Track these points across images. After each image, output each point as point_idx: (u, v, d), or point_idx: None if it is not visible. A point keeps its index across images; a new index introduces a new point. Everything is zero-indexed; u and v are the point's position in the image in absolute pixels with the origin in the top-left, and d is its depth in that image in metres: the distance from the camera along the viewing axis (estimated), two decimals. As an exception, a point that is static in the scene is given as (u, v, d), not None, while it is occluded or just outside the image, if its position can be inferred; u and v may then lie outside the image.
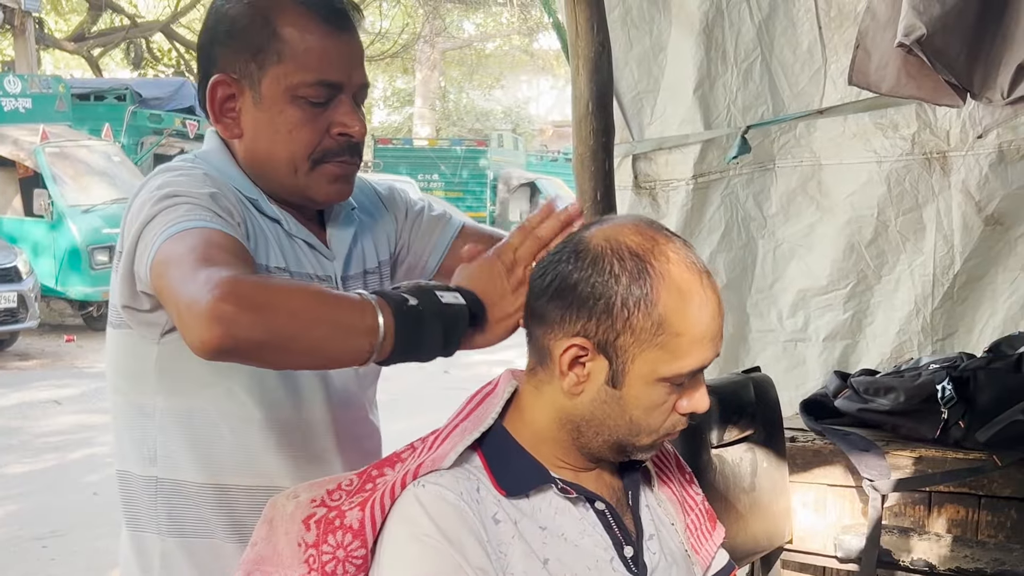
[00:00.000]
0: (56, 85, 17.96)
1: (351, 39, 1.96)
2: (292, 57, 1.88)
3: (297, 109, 1.90)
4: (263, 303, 1.52)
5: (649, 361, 1.56)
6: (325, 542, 1.60)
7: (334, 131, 1.93)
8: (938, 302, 4.27)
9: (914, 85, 2.87)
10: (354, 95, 1.96)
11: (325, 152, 1.93)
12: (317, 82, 1.90)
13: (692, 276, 1.57)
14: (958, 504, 3.19)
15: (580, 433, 1.63)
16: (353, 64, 1.95)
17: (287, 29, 1.88)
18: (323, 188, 1.96)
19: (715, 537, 1.90)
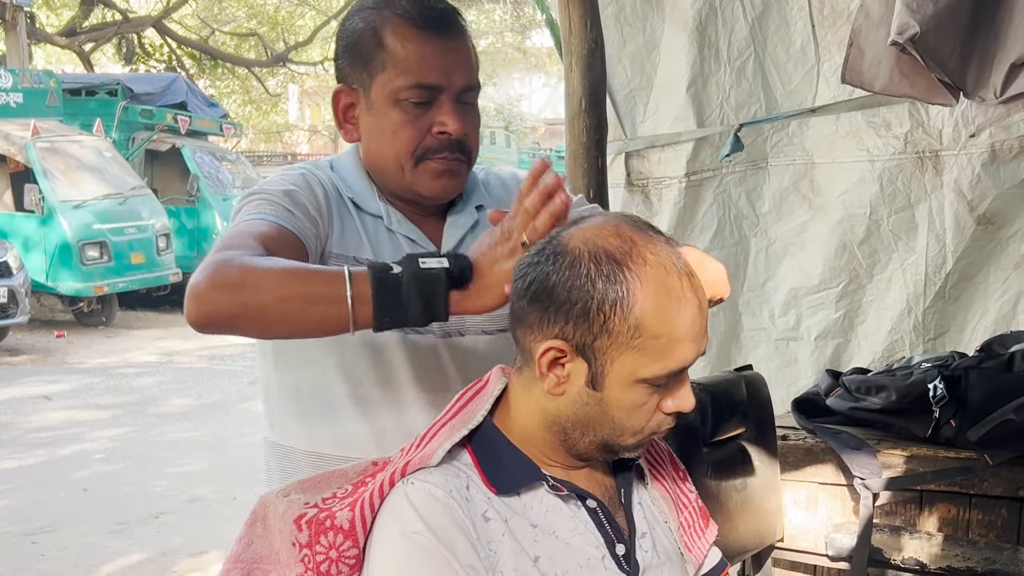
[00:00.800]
0: (47, 80, 17.91)
1: (452, 44, 2.10)
2: (393, 64, 2.06)
3: (400, 111, 2.07)
4: (236, 282, 1.73)
5: (628, 364, 1.55)
6: (318, 543, 1.60)
7: (434, 130, 2.08)
8: (930, 301, 4.28)
9: (907, 84, 2.87)
10: (458, 96, 2.09)
11: (427, 150, 2.09)
12: (415, 85, 2.06)
13: (670, 278, 1.55)
14: (949, 503, 3.20)
15: (567, 434, 1.62)
16: (454, 67, 2.09)
17: (390, 39, 2.06)
18: (427, 184, 2.12)
19: (708, 535, 1.89)
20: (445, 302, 1.74)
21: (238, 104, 35.24)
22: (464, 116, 2.11)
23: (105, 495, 7.70)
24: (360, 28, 2.11)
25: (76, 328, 15.95)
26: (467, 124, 2.11)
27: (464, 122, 2.10)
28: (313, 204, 2.06)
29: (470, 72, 2.13)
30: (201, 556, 6.41)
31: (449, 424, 1.67)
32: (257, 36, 30.29)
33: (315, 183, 2.11)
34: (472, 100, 2.15)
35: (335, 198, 2.13)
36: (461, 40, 2.13)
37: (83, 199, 15.66)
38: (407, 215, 2.17)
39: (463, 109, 2.11)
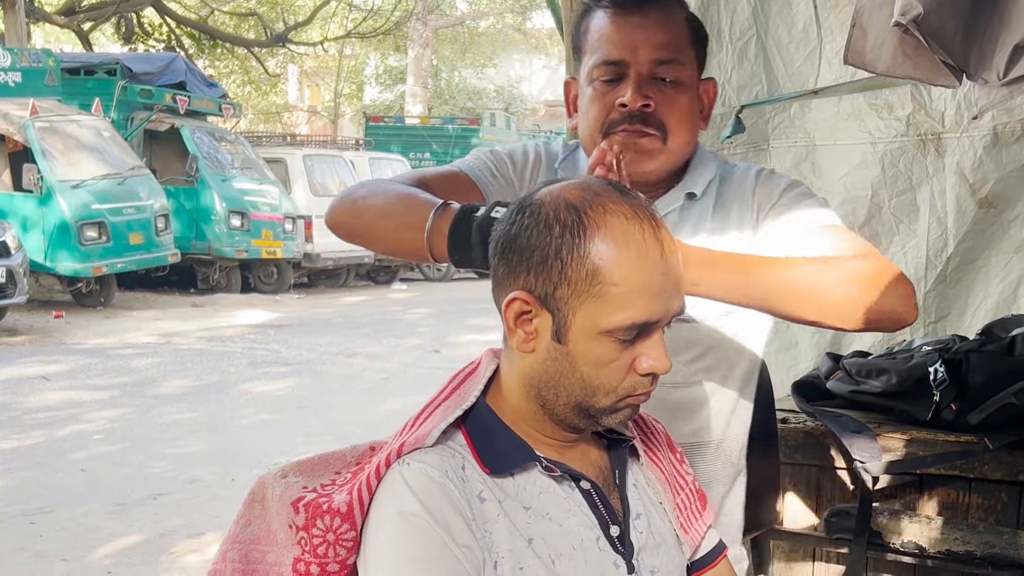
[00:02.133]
0: (46, 59, 17.89)
1: (642, 20, 2.15)
2: (589, 47, 2.20)
3: (592, 89, 2.18)
4: (359, 198, 2.12)
5: (590, 313, 1.53)
6: (314, 526, 1.60)
7: (616, 103, 2.14)
8: (931, 284, 4.26)
9: (910, 65, 2.85)
10: (648, 70, 2.14)
11: (611, 124, 2.15)
12: (601, 62, 2.16)
13: (630, 226, 1.54)
14: (949, 487, 3.20)
15: (543, 398, 1.61)
16: (641, 42, 2.13)
17: (591, 24, 2.20)
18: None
19: (705, 517, 1.89)
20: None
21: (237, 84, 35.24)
22: (656, 91, 2.14)
23: (103, 476, 7.71)
24: (576, 20, 2.27)
25: (74, 308, 15.97)
26: (660, 99, 2.14)
27: (650, 96, 2.13)
28: (516, 167, 2.29)
29: (664, 47, 2.15)
30: (199, 537, 6.42)
31: (443, 405, 1.67)
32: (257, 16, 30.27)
33: (531, 151, 2.34)
34: (670, 75, 2.16)
35: (546, 167, 2.32)
36: (657, 15, 2.16)
37: (82, 179, 15.67)
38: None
39: (654, 84, 2.14)
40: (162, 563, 6.03)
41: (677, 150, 2.20)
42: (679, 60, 2.16)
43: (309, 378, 11.67)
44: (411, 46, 34.31)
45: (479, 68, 39.67)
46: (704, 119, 2.30)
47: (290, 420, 9.62)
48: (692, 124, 2.23)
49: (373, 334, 14.75)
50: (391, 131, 28.70)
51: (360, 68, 41.21)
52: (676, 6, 2.22)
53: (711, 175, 2.28)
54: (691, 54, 2.20)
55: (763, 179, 2.29)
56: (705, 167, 2.29)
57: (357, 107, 39.86)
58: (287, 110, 41.90)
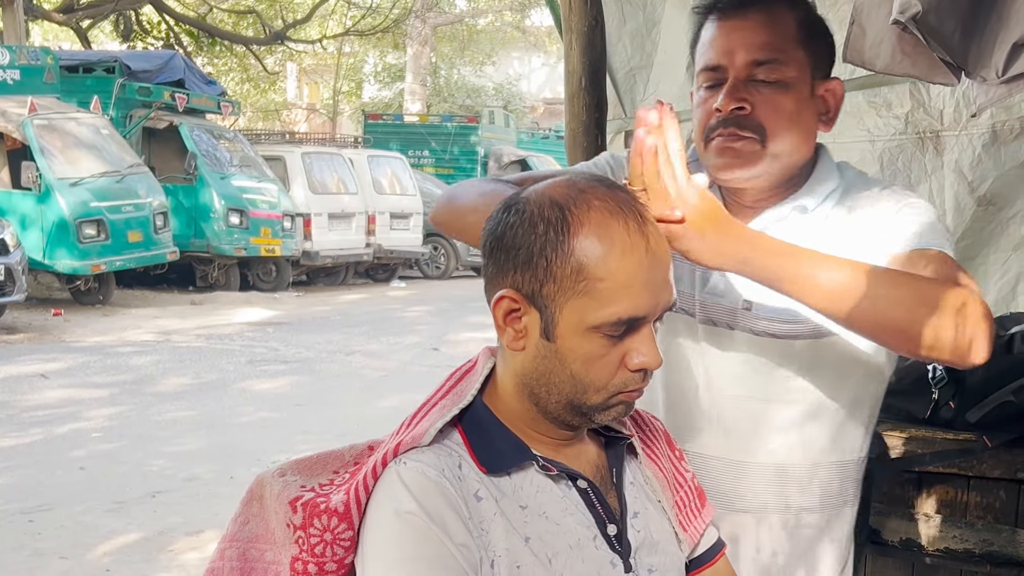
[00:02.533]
0: (45, 57, 17.87)
1: (739, 22, 2.12)
2: (698, 54, 2.19)
3: (697, 95, 2.17)
4: (451, 197, 2.24)
5: (576, 310, 1.53)
6: (312, 525, 1.59)
7: (713, 108, 2.11)
8: (929, 282, 4.26)
9: (909, 63, 2.86)
10: (746, 72, 2.09)
11: (709, 129, 2.12)
12: (702, 69, 2.15)
13: (614, 220, 1.54)
14: (947, 485, 3.19)
15: (536, 396, 1.61)
16: (737, 44, 2.09)
17: (700, 35, 2.20)
18: (713, 161, 2.13)
19: (704, 515, 1.88)
20: None
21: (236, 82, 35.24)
22: (754, 93, 2.07)
23: (102, 474, 7.71)
24: (694, 35, 2.23)
25: (73, 306, 15.96)
26: (759, 101, 2.07)
27: (747, 99, 2.07)
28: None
29: (763, 47, 2.08)
30: (198, 535, 6.42)
31: (440, 404, 1.67)
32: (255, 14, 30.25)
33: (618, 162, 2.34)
34: (772, 76, 2.08)
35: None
36: (759, 16, 2.11)
37: (80, 177, 15.66)
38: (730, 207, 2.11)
39: (752, 86, 2.08)
40: (161, 561, 6.03)
41: (781, 154, 2.10)
42: (781, 60, 2.07)
43: (308, 376, 11.67)
44: (410, 44, 34.32)
45: (478, 66, 39.70)
46: (827, 122, 2.23)
47: (289, 418, 9.62)
48: (800, 127, 2.13)
49: (372, 332, 14.76)
50: (390, 129, 28.70)
51: (359, 66, 41.22)
52: (784, 5, 2.12)
53: (831, 187, 2.19)
54: (800, 53, 2.10)
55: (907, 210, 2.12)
56: (826, 179, 2.20)
57: (356, 105, 39.86)
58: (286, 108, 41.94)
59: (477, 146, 27.12)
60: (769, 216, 2.16)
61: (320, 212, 20.74)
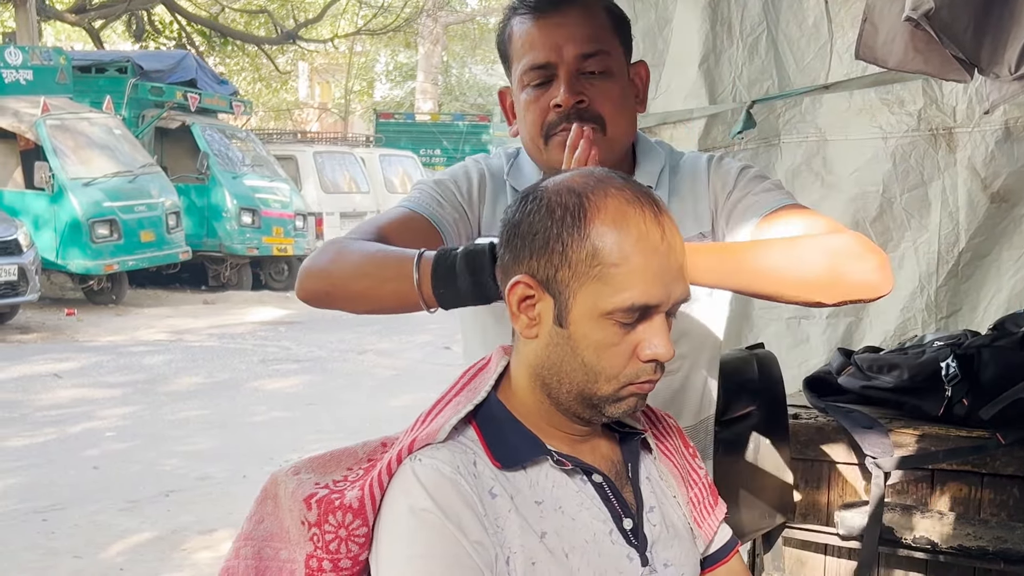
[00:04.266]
0: (57, 57, 17.91)
1: (561, 19, 2.16)
2: (515, 53, 2.21)
3: (525, 95, 2.19)
4: (329, 263, 2.01)
5: (590, 295, 1.54)
6: (326, 522, 1.60)
7: (551, 104, 2.15)
8: (943, 279, 4.26)
9: (921, 60, 2.85)
10: (576, 67, 2.15)
11: (550, 126, 2.16)
12: (530, 68, 2.16)
13: (631, 209, 1.55)
14: (961, 482, 3.19)
15: (547, 386, 1.61)
16: (564, 41, 2.14)
17: (514, 31, 2.21)
18: (558, 157, 2.13)
19: (717, 513, 1.88)
20: (491, 277, 1.75)
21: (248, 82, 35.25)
22: (586, 85, 2.14)
23: (115, 473, 7.73)
24: (499, 28, 2.27)
25: (86, 306, 16.00)
26: (591, 92, 2.14)
27: (582, 91, 2.14)
28: (461, 192, 2.23)
29: (587, 40, 2.16)
30: (211, 534, 6.43)
31: (454, 401, 1.67)
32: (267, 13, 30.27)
33: (474, 171, 2.29)
34: (599, 67, 2.16)
35: (493, 183, 2.29)
36: (575, 12, 2.17)
37: (93, 177, 15.70)
38: None
39: (586, 79, 2.15)
40: (174, 560, 6.04)
41: (617, 139, 2.21)
42: (604, 50, 2.17)
43: (320, 375, 11.68)
44: (421, 43, 34.29)
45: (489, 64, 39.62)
46: (641, 103, 2.32)
47: (301, 417, 9.63)
48: (628, 111, 2.24)
49: (383, 331, 14.75)
50: (401, 128, 28.73)
51: (370, 65, 41.24)
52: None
53: (660, 164, 2.31)
54: (616, 42, 2.21)
55: (715, 166, 2.31)
56: (653, 157, 2.32)
57: (367, 104, 39.88)
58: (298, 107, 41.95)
59: (489, 144, 27.12)
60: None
61: (332, 211, 20.77)
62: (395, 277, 1.87)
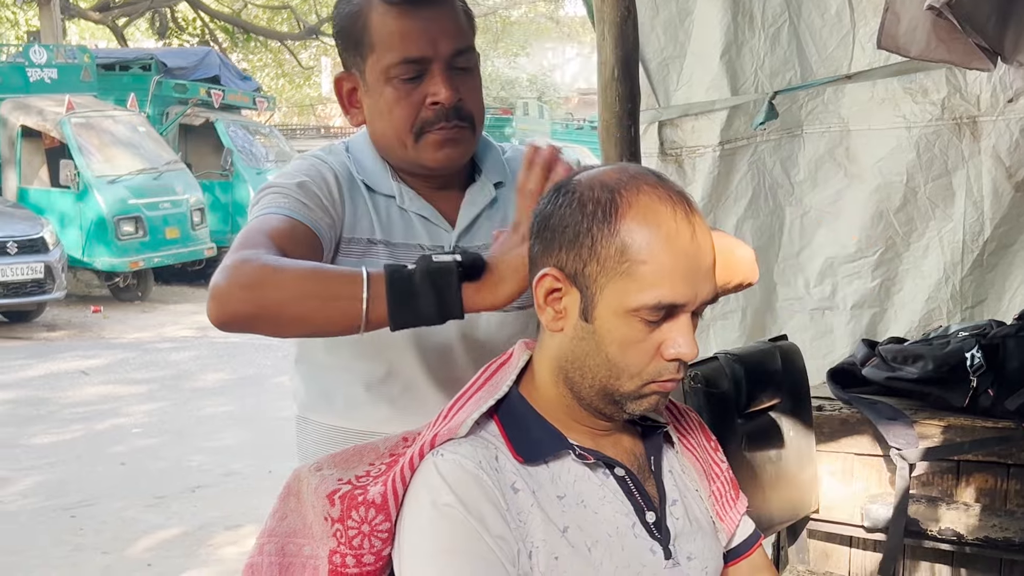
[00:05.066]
0: (81, 55, 17.99)
1: (433, 12, 2.09)
2: (379, 44, 2.08)
3: (392, 89, 2.08)
4: (255, 281, 1.77)
5: (617, 291, 1.54)
6: (350, 517, 1.60)
7: (427, 102, 2.07)
8: (967, 269, 4.24)
9: (944, 49, 2.84)
10: (449, 63, 2.09)
11: (424, 123, 2.08)
12: (401, 61, 2.06)
13: (663, 207, 1.55)
14: (986, 473, 3.17)
15: (570, 380, 1.61)
16: (438, 35, 2.07)
17: (373, 20, 2.08)
18: (431, 155, 2.11)
19: (739, 506, 1.88)
20: (458, 295, 1.72)
21: (271, 77, 35.33)
22: (458, 81, 2.10)
23: (142, 469, 7.76)
24: (348, 12, 2.14)
25: (112, 303, 16.05)
26: (463, 89, 2.10)
27: (457, 88, 2.09)
28: (324, 193, 2.09)
29: (458, 35, 2.11)
30: (237, 529, 6.45)
31: (476, 396, 1.67)
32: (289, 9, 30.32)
33: (326, 170, 2.13)
34: (467, 64, 2.13)
35: (347, 182, 2.15)
36: (444, 5, 2.11)
37: (118, 174, 15.74)
38: (422, 192, 2.18)
39: (457, 75, 2.10)
40: (200, 556, 6.06)
41: (478, 136, 2.20)
42: (471, 46, 2.14)
43: (345, 370, 11.67)
44: (443, 37, 34.29)
45: (512, 57, 39.65)
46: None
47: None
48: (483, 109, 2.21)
49: (409, 325, 14.76)
50: (424, 122, 28.71)
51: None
52: None
53: (498, 155, 2.30)
54: (472, 37, 2.18)
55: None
56: (491, 150, 2.30)
57: (391, 98, 39.88)
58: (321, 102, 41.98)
59: (512, 138, 27.08)
60: (480, 198, 2.23)
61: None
62: (341, 297, 1.74)
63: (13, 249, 13.34)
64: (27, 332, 13.78)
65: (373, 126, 2.17)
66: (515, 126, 27.14)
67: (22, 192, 16.06)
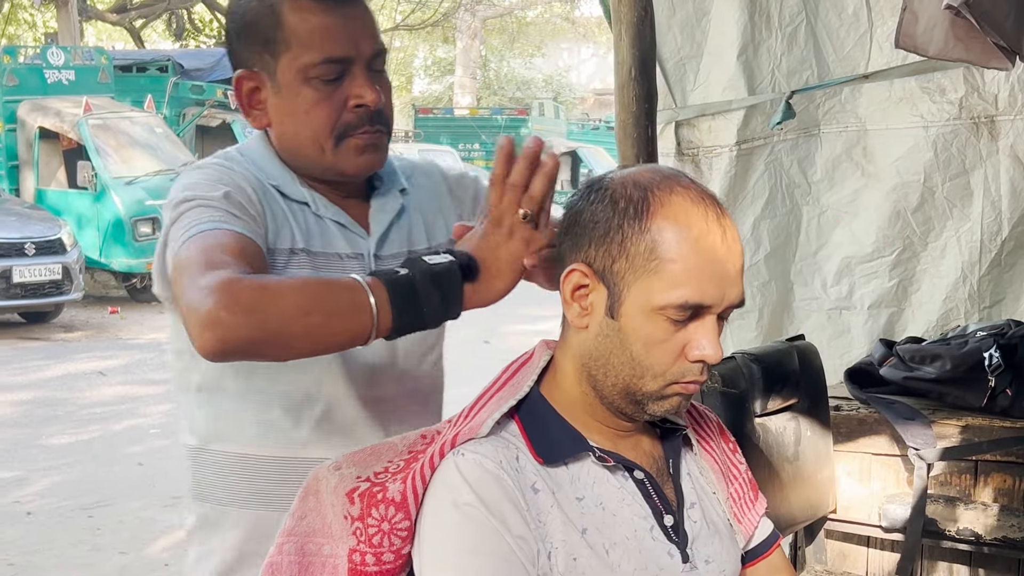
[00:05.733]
0: (99, 57, 18.07)
1: (353, 11, 1.99)
2: (297, 41, 1.95)
3: (311, 90, 1.96)
4: (254, 304, 1.62)
5: (644, 289, 1.54)
6: (369, 515, 1.60)
7: (351, 104, 1.97)
8: (985, 269, 4.23)
9: (962, 48, 2.84)
10: (368, 64, 1.99)
11: (346, 126, 1.98)
12: (323, 60, 1.94)
13: (695, 208, 1.55)
14: (1005, 473, 3.17)
15: (593, 378, 1.61)
16: (360, 35, 1.98)
17: (289, 16, 1.95)
18: (352, 161, 2.01)
19: (757, 507, 1.88)
20: (461, 295, 1.71)
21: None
22: (379, 85, 2.00)
23: (159, 469, 7.78)
24: (254, 7, 2.00)
25: (129, 304, 16.09)
26: (383, 93, 2.01)
27: (380, 91, 2.00)
28: (248, 203, 1.94)
29: (375, 36, 2.02)
30: (255, 529, 6.46)
31: (497, 396, 1.67)
32: (305, 10, 30.38)
33: (239, 179, 1.98)
34: (381, 67, 2.03)
35: (261, 190, 2.00)
36: (361, 4, 2.02)
37: (135, 175, 15.78)
38: (330, 198, 2.07)
39: (375, 77, 2.01)
40: (218, 555, 6.08)
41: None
42: (384, 47, 2.04)
43: (362, 370, 11.70)
44: (459, 37, 34.36)
45: (528, 58, 39.68)
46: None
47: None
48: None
49: (425, 326, 14.78)
50: (440, 123, 28.78)
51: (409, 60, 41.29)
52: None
53: (396, 163, 2.20)
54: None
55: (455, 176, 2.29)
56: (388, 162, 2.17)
57: (406, 99, 39.99)
58: (337, 103, 42.04)
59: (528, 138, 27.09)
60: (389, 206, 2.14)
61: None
62: (345, 309, 1.65)
63: (31, 250, 13.40)
64: (45, 333, 13.84)
65: (283, 129, 2.02)
66: (531, 126, 27.15)
67: (40, 193, 16.14)
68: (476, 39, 34.47)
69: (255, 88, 2.02)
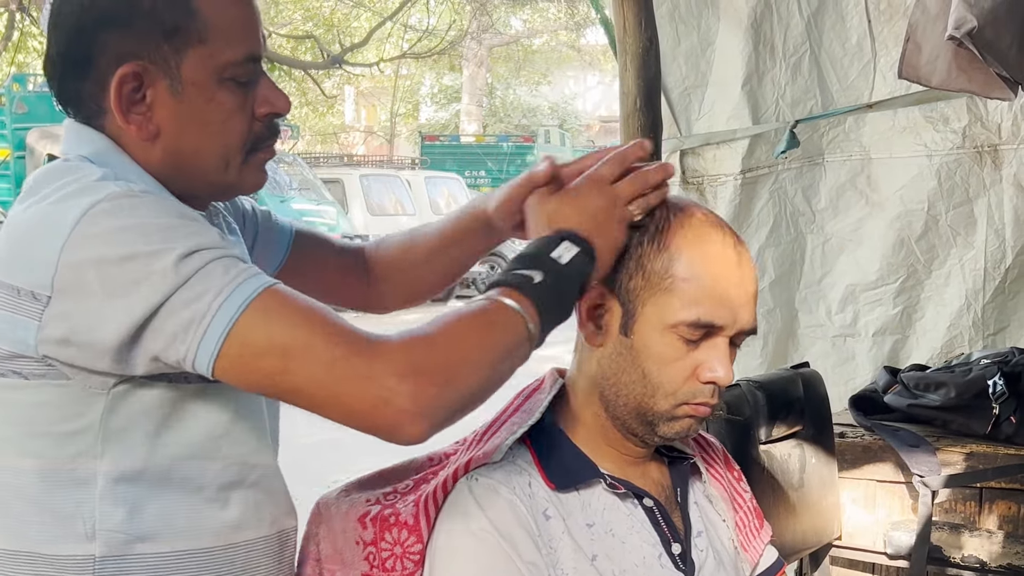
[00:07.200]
0: (107, 84, 18.10)
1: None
2: (215, 34, 1.56)
3: (228, 94, 1.58)
4: (440, 368, 1.42)
5: (658, 306, 1.56)
6: (383, 539, 1.61)
7: (260, 111, 1.63)
8: (989, 296, 4.25)
9: (965, 78, 2.86)
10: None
11: (256, 139, 1.64)
12: (246, 58, 1.59)
13: (714, 231, 1.59)
14: (1010, 500, 3.17)
15: (605, 399, 1.63)
16: (260, 29, 1.65)
17: (204, 2, 1.56)
18: (253, 179, 1.67)
19: (763, 535, 1.89)
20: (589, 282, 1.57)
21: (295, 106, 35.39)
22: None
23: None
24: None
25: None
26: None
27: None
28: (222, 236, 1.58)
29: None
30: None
31: (509, 421, 1.69)
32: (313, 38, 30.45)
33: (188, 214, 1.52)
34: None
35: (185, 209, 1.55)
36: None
37: (143, 202, 15.80)
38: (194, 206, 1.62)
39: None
40: None
41: None
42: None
43: (368, 396, 11.65)
44: (466, 65, 34.42)
45: (533, 85, 39.70)
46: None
47: (352, 437, 9.62)
48: None
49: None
50: (447, 150, 28.81)
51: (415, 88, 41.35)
52: None
53: None
54: None
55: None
56: None
57: (413, 126, 40.04)
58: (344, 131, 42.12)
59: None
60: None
61: (379, 233, 20.54)
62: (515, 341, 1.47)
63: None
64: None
65: (182, 141, 1.58)
66: (537, 153, 27.17)
67: (48, 219, 16.16)
68: (482, 67, 34.53)
69: (137, 87, 1.55)
